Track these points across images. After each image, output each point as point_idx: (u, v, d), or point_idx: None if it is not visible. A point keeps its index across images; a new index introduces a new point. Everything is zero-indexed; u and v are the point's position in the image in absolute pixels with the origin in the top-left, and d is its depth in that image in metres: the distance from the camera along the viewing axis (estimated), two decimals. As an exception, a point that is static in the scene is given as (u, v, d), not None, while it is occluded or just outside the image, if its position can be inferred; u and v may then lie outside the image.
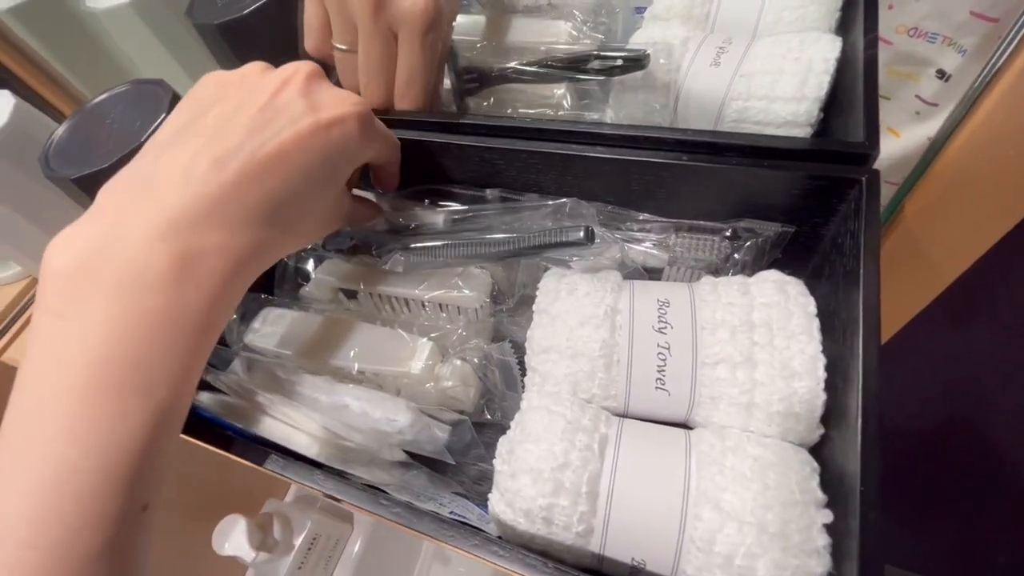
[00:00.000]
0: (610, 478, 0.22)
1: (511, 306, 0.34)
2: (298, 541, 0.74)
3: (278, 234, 0.22)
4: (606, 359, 0.26)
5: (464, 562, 0.82)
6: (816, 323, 0.24)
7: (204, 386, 0.29)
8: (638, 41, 0.37)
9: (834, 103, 0.32)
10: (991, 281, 0.49)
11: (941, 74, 0.49)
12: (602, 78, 0.35)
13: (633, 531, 0.22)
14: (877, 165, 0.27)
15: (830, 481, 0.22)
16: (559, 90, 0.38)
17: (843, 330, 0.24)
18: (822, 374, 0.23)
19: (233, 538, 0.69)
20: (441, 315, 0.33)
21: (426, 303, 0.32)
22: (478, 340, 0.32)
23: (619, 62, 0.34)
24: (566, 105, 0.39)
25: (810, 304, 0.24)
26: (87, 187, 0.32)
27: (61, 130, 0.34)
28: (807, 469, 0.21)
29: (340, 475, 0.24)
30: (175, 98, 0.34)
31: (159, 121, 0.33)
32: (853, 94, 0.31)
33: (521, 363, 0.29)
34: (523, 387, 0.28)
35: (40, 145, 0.34)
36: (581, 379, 0.26)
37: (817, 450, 0.23)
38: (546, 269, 0.34)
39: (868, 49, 0.29)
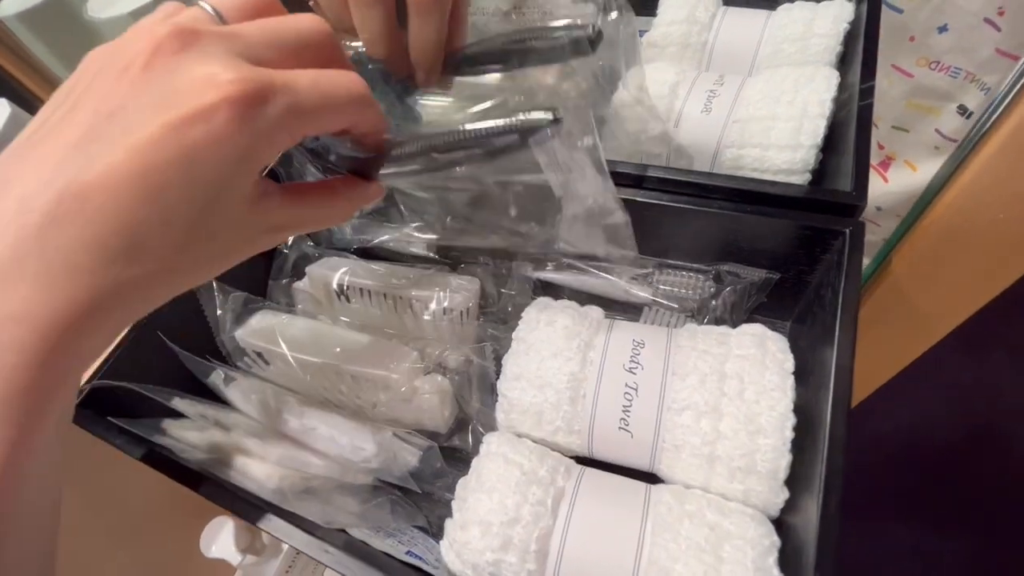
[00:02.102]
0: (561, 536, 0.22)
1: (496, 314, 0.34)
2: (286, 545, 0.74)
3: (141, 275, 0.16)
4: (572, 392, 0.25)
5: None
6: (791, 382, 0.23)
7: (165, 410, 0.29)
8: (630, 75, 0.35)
9: (830, 139, 0.30)
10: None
11: (963, 110, 0.48)
12: (543, 66, 0.26)
13: (582, 593, 0.21)
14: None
15: (790, 553, 0.21)
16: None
17: (816, 388, 0.23)
18: (789, 434, 0.22)
19: (220, 540, 0.69)
20: (424, 316, 0.32)
21: (413, 301, 0.32)
22: (459, 349, 0.32)
23: (563, 41, 0.29)
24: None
25: (788, 361, 0.23)
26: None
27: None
28: (766, 543, 0.20)
29: (285, 513, 0.24)
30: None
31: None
32: (847, 139, 0.30)
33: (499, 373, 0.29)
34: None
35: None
36: (546, 409, 0.25)
37: (782, 515, 0.22)
38: (534, 294, 0.33)
39: (863, 99, 0.28)
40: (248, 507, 0.24)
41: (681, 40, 0.38)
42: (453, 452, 0.31)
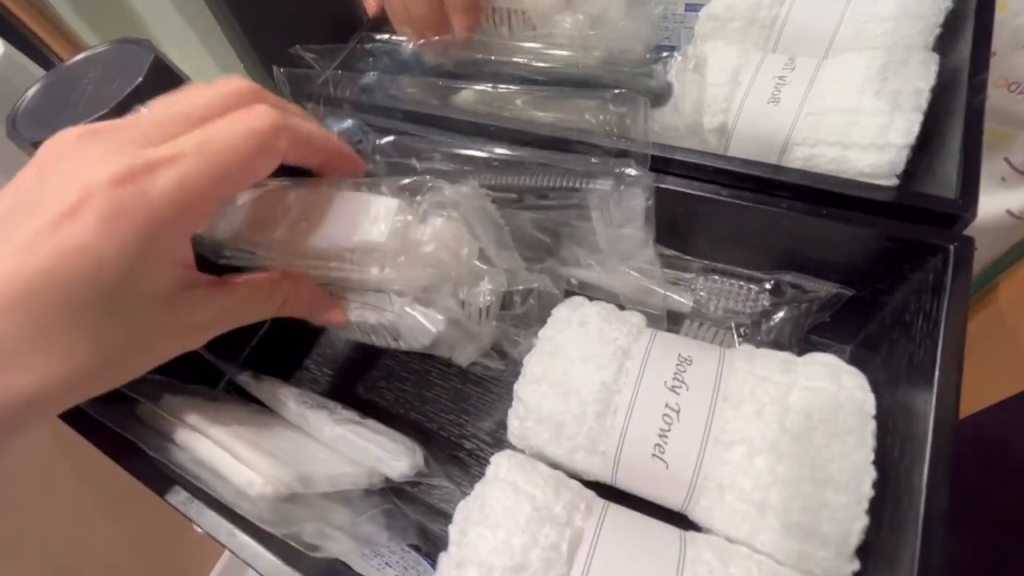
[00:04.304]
0: (576, 591, 0.18)
1: (519, 312, 0.30)
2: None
3: (41, 377, 0.15)
4: (601, 405, 0.22)
5: None
6: (872, 427, 0.19)
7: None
8: (688, 55, 0.30)
9: (921, 138, 0.26)
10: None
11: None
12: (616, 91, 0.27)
13: (596, 662, 0.17)
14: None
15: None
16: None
17: (899, 445, 0.18)
18: (867, 491, 0.18)
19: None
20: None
21: None
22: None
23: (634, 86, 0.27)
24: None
25: (868, 403, 0.19)
26: (49, 152, 0.29)
27: (34, 89, 0.31)
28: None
29: (257, 530, 0.21)
30: (157, 61, 0.30)
31: (135, 85, 0.29)
32: (947, 134, 0.25)
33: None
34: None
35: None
36: (568, 421, 0.22)
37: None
38: (567, 293, 0.30)
39: (974, 95, 0.23)
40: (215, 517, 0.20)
41: (748, 14, 0.33)
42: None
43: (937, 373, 0.18)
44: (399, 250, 0.22)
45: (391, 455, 0.25)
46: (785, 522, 0.18)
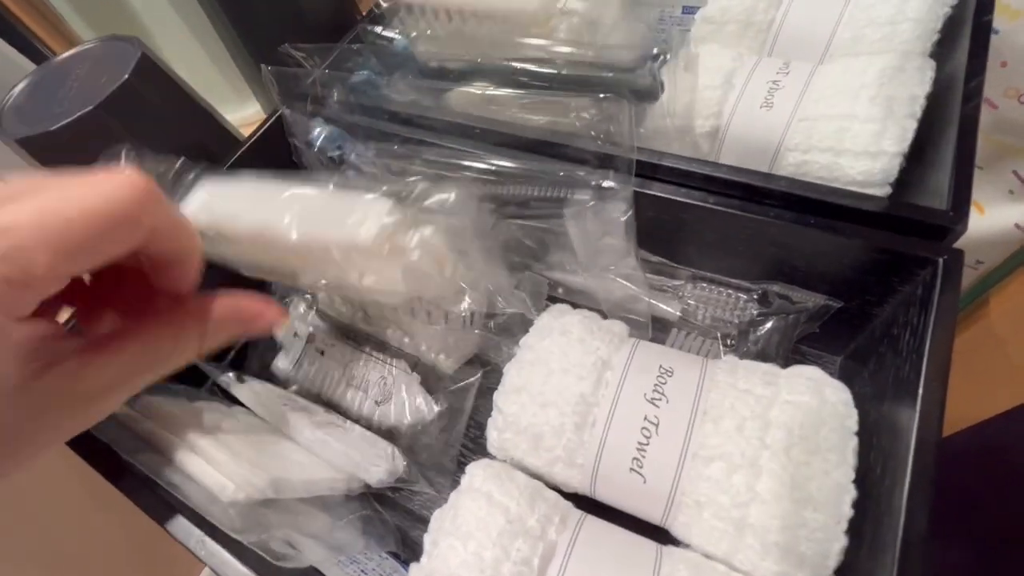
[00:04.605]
0: (547, 607, 0.18)
1: (503, 320, 0.30)
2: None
3: None
4: (580, 417, 0.21)
5: None
6: (853, 444, 0.18)
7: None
8: (681, 56, 0.30)
9: (915, 146, 0.25)
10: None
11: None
12: (602, 95, 0.27)
13: None
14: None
15: (835, 664, 0.16)
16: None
17: (882, 463, 0.18)
18: (847, 511, 0.18)
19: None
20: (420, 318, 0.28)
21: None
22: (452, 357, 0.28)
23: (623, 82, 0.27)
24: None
25: (850, 418, 0.19)
26: (33, 149, 0.29)
27: (22, 85, 0.31)
28: (805, 649, 0.16)
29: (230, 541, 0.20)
30: (144, 58, 0.30)
31: (121, 82, 0.29)
32: (941, 142, 0.24)
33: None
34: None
35: (12, 95, 0.31)
36: (547, 433, 0.22)
37: (824, 609, 0.18)
38: (552, 299, 0.29)
39: (968, 101, 0.22)
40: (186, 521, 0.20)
41: (743, 17, 0.32)
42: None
43: (921, 390, 0.17)
44: (383, 254, 0.22)
45: (370, 460, 0.25)
46: (763, 541, 0.18)
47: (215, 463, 0.23)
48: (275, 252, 0.23)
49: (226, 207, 0.24)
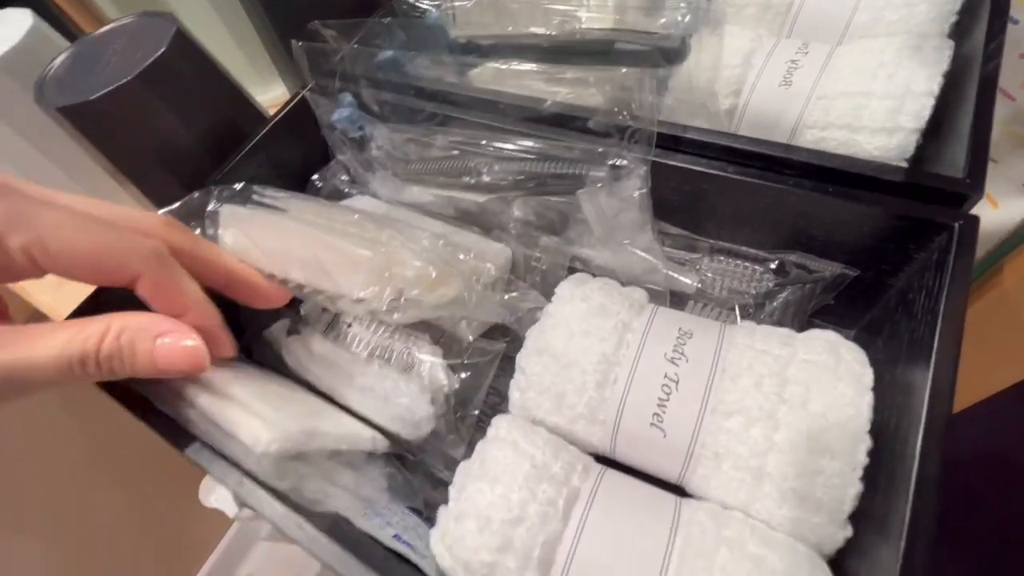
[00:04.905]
0: (571, 545, 0.18)
1: (522, 292, 0.31)
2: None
3: None
4: (601, 375, 0.22)
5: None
6: (868, 399, 0.19)
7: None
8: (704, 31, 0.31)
9: (932, 123, 0.26)
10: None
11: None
12: (624, 69, 0.28)
13: (588, 616, 0.18)
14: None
15: (849, 603, 0.17)
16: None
17: (897, 414, 0.19)
18: (862, 459, 0.18)
19: (219, 491, 0.69)
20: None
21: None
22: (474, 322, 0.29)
23: (649, 48, 0.28)
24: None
25: (866, 375, 0.19)
26: (73, 118, 0.30)
27: (61, 58, 0.32)
28: (821, 589, 0.17)
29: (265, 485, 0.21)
30: (179, 32, 0.31)
31: (158, 55, 0.30)
32: (956, 118, 0.25)
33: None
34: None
35: (50, 69, 0.32)
36: (569, 392, 0.22)
37: (838, 557, 0.19)
38: (571, 271, 0.30)
39: (988, 62, 0.23)
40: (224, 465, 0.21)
41: (762, 0, 0.33)
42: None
43: (936, 342, 0.18)
44: (379, 303, 0.23)
45: (409, 401, 0.26)
46: (780, 488, 0.19)
47: (249, 415, 0.24)
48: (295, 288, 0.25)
49: (244, 247, 0.25)
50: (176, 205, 0.26)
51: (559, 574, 0.18)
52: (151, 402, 0.24)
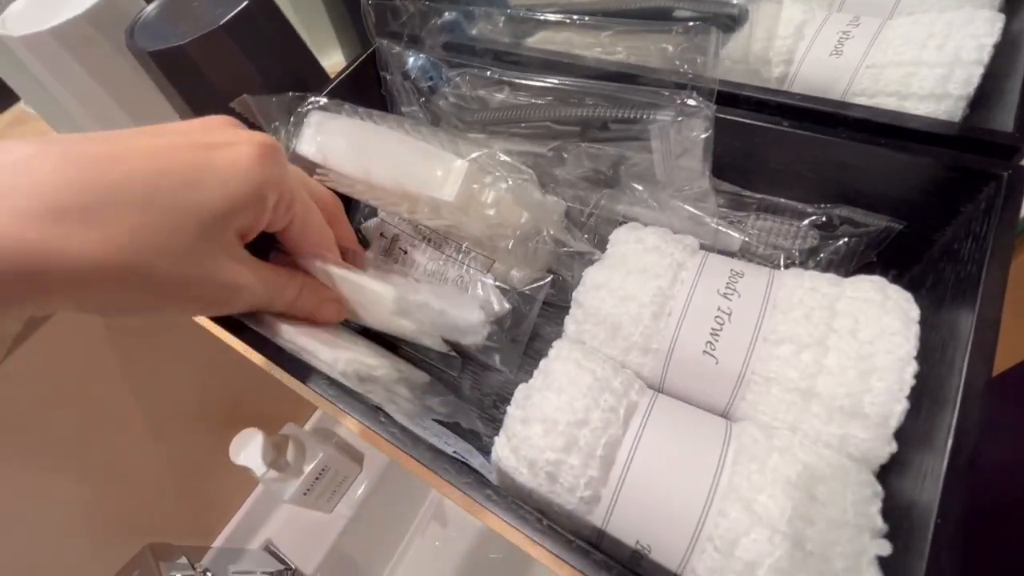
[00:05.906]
0: (631, 448, 0.20)
1: (572, 249, 0.32)
2: (308, 468, 0.76)
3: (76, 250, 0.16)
4: (657, 307, 0.23)
5: (459, 525, 0.82)
6: (915, 329, 0.20)
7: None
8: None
9: (979, 93, 0.27)
10: None
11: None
12: (682, 34, 0.30)
13: (644, 512, 0.19)
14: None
15: (893, 512, 0.18)
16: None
17: (942, 346, 0.20)
18: (908, 379, 0.19)
19: (248, 450, 0.71)
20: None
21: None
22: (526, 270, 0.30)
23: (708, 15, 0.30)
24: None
25: (913, 310, 0.21)
26: (162, 63, 0.32)
27: (151, 7, 0.34)
28: (867, 492, 0.18)
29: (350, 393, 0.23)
30: (261, -12, 0.33)
31: (239, 8, 0.32)
32: (1004, 89, 0.26)
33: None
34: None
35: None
36: (625, 322, 0.23)
37: (882, 474, 0.20)
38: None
39: None
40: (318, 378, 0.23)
41: (815, -25, 0.34)
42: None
43: (984, 274, 0.19)
44: (465, 207, 0.26)
45: (470, 304, 0.28)
46: (828, 407, 0.20)
47: (330, 344, 0.25)
48: (375, 192, 0.27)
49: (332, 149, 0.28)
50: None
51: (619, 472, 0.20)
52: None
